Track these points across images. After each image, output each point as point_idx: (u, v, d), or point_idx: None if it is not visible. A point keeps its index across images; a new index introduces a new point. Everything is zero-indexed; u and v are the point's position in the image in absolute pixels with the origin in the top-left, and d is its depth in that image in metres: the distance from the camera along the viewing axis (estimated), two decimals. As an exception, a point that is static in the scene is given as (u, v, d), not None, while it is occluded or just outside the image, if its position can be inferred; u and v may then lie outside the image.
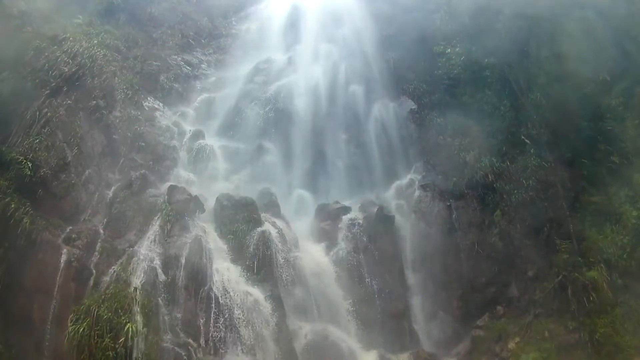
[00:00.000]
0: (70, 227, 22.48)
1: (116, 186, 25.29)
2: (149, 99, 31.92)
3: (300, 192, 29.59)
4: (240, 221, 24.54)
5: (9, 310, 19.67)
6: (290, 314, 22.79)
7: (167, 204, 23.96)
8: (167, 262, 21.93)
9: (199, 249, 22.38)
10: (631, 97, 23.93)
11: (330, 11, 39.16)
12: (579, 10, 24.40)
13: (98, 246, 22.40)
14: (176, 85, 34.55)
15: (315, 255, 25.78)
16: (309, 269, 24.65)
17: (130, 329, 18.61)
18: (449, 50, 29.36)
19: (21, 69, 24.26)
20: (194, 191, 25.66)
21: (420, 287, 26.26)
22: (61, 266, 20.74)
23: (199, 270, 21.86)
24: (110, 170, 26.21)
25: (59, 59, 25.43)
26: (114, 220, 23.82)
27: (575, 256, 22.18)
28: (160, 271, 21.54)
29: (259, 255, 23.53)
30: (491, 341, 23.06)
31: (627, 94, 23.97)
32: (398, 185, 29.99)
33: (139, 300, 19.77)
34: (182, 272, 21.67)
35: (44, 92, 24.16)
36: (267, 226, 24.77)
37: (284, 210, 27.27)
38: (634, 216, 21.77)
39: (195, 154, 29.79)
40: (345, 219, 27.17)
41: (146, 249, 22.27)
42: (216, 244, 23.60)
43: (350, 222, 27.02)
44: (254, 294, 22.16)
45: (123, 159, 27.04)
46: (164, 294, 21.02)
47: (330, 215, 27.59)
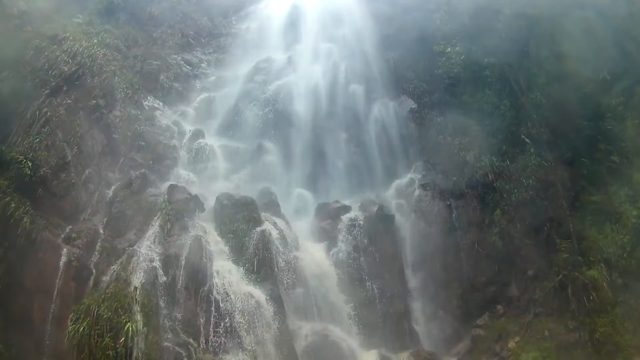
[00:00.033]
0: (70, 227, 22.48)
1: (116, 185, 25.27)
2: (149, 98, 31.91)
3: (300, 192, 29.55)
4: (240, 220, 24.50)
5: (9, 310, 19.67)
6: (290, 313, 22.79)
7: (167, 203, 23.90)
8: (167, 261, 21.88)
9: (199, 248, 22.35)
10: (631, 97, 23.95)
11: (330, 11, 39.15)
12: (579, 10, 24.43)
13: (98, 245, 22.40)
14: (176, 85, 34.54)
15: (315, 255, 25.72)
16: (309, 268, 24.62)
17: (131, 328, 18.59)
18: (449, 49, 29.36)
19: (21, 68, 24.27)
20: (194, 190, 25.61)
21: (420, 287, 26.26)
22: (61, 266, 20.76)
23: (199, 269, 21.83)
24: (110, 169, 26.20)
25: (59, 59, 25.41)
26: (114, 219, 23.80)
27: (575, 255, 22.20)
28: (160, 271, 21.49)
29: (259, 254, 23.48)
30: (491, 340, 23.09)
31: (627, 94, 23.99)
32: (398, 185, 29.95)
33: (139, 300, 19.75)
34: (182, 272, 21.62)
35: (43, 91, 24.13)
36: (267, 225, 24.71)
37: (284, 209, 27.24)
38: (634, 215, 21.79)
39: (195, 153, 29.75)
40: (346, 219, 27.09)
41: (146, 248, 22.21)
42: (216, 243, 23.58)
43: (350, 221, 26.95)
44: (254, 294, 22.11)
45: (123, 158, 27.02)
46: (164, 294, 20.97)
47: (330, 214, 27.53)
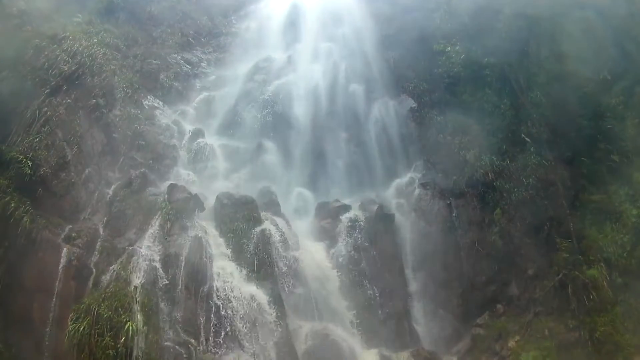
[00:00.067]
0: (70, 226, 22.48)
1: (116, 185, 25.28)
2: (148, 97, 31.90)
3: (300, 191, 29.53)
4: (240, 220, 24.49)
5: (9, 310, 19.65)
6: (290, 312, 22.79)
7: (167, 202, 23.88)
8: (167, 260, 21.87)
9: (199, 247, 22.36)
10: (631, 96, 23.97)
11: (330, 11, 39.13)
12: (579, 10, 24.46)
13: (98, 245, 22.43)
14: (176, 84, 34.54)
15: (315, 254, 25.73)
16: (309, 267, 24.63)
17: (131, 327, 18.61)
18: (449, 48, 29.42)
19: (21, 68, 24.23)
20: (194, 190, 25.59)
21: (421, 286, 26.27)
22: (61, 265, 20.77)
23: (199, 269, 21.84)
24: (110, 168, 26.20)
25: (59, 58, 25.39)
26: (114, 219, 23.79)
27: (575, 255, 22.22)
28: (160, 270, 21.48)
29: (259, 254, 23.51)
30: (491, 340, 23.11)
31: (627, 93, 24.01)
32: (398, 184, 29.93)
33: (139, 299, 19.77)
34: (182, 271, 21.62)
35: (43, 91, 24.11)
36: (267, 225, 24.71)
37: (284, 208, 27.22)
38: (634, 215, 21.81)
39: (195, 152, 29.75)
40: (345, 218, 27.07)
41: (146, 247, 22.21)
42: (216, 242, 23.59)
43: (350, 220, 26.92)
44: (254, 293, 22.14)
45: (123, 157, 27.03)
46: (164, 293, 20.96)
47: (330, 213, 27.52)
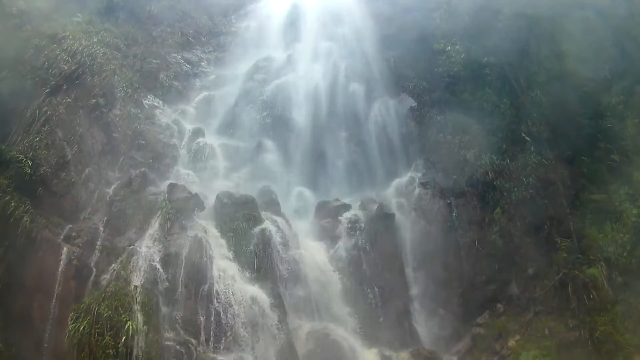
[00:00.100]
0: (70, 226, 22.48)
1: (116, 184, 25.28)
2: (148, 97, 31.93)
3: (300, 190, 29.54)
4: (240, 219, 24.50)
5: (9, 309, 19.60)
6: (290, 312, 22.80)
7: (167, 202, 23.90)
8: (167, 260, 21.90)
9: (199, 247, 22.37)
10: (631, 96, 23.94)
11: (330, 11, 39.17)
12: (579, 10, 24.44)
13: (98, 244, 22.40)
14: (176, 83, 34.57)
15: (315, 254, 25.70)
16: (309, 267, 24.61)
17: (131, 327, 18.58)
18: (449, 48, 29.44)
19: (21, 67, 24.21)
20: (194, 189, 25.63)
21: (421, 285, 26.24)
22: (61, 264, 20.74)
23: (199, 268, 21.85)
24: (110, 168, 26.22)
25: (59, 58, 25.38)
26: (114, 218, 23.79)
27: (575, 254, 22.20)
28: (160, 269, 21.51)
29: (259, 253, 23.53)
30: (491, 339, 23.10)
31: (627, 93, 23.99)
32: (398, 183, 29.90)
33: (139, 299, 19.74)
34: (182, 270, 21.65)
35: (43, 90, 24.09)
36: (267, 224, 24.73)
37: (284, 208, 27.21)
38: (634, 214, 21.78)
39: (195, 152, 29.79)
40: (346, 217, 27.08)
41: (146, 247, 22.22)
42: (216, 242, 23.57)
43: (350, 220, 26.94)
44: (254, 292, 22.15)
45: (123, 157, 27.06)
46: (164, 293, 20.99)
47: (331, 213, 27.53)
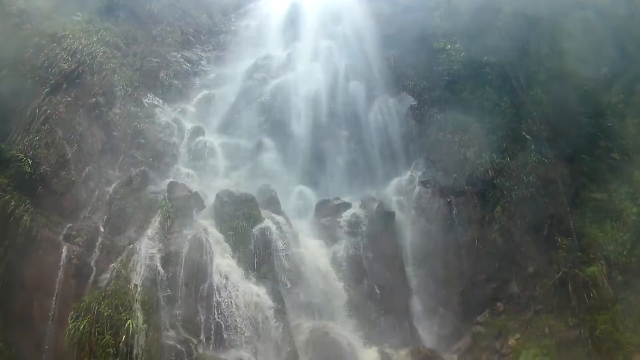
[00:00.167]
0: (70, 224, 22.46)
1: (116, 183, 25.27)
2: (148, 95, 31.93)
3: (300, 189, 29.52)
4: (240, 218, 24.52)
5: (9, 308, 19.58)
6: (290, 310, 22.80)
7: (167, 200, 23.93)
8: (168, 258, 21.88)
9: (199, 245, 22.37)
10: (631, 95, 23.89)
11: (330, 9, 39.17)
12: (579, 10, 24.37)
13: (98, 243, 22.39)
14: (176, 82, 34.57)
15: (315, 252, 25.73)
16: (309, 265, 24.64)
17: (131, 325, 18.60)
18: (449, 46, 29.41)
19: (21, 66, 24.17)
20: (194, 188, 25.66)
21: (421, 284, 26.23)
22: (61, 263, 20.72)
23: (199, 266, 21.85)
24: (110, 167, 26.22)
25: (59, 57, 25.36)
26: (114, 217, 23.78)
27: (575, 253, 22.16)
28: (160, 268, 21.50)
29: (259, 251, 23.56)
30: (491, 337, 23.10)
31: (627, 91, 23.94)
32: (398, 182, 29.91)
33: (139, 297, 19.76)
34: (182, 269, 21.64)
35: (43, 89, 24.09)
36: (268, 222, 24.74)
37: (284, 206, 27.21)
38: (634, 213, 21.72)
39: (195, 150, 29.82)
40: (346, 215, 27.14)
41: (146, 245, 22.21)
42: (216, 240, 23.58)
43: (350, 218, 26.99)
44: (255, 291, 22.17)
45: (123, 155, 27.05)
46: (164, 291, 20.98)
47: (331, 211, 27.57)
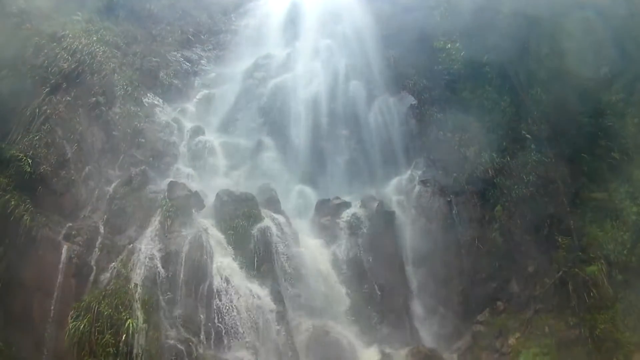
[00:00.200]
0: (70, 224, 22.48)
1: (116, 182, 25.26)
2: (148, 95, 31.93)
3: (300, 188, 29.54)
4: (240, 217, 24.54)
5: (9, 308, 19.60)
6: (290, 309, 22.84)
7: (167, 200, 23.93)
8: (168, 258, 21.91)
9: (199, 244, 22.38)
10: (631, 94, 23.83)
11: (330, 9, 39.11)
12: (579, 10, 24.33)
13: (98, 243, 22.41)
14: (176, 82, 34.57)
15: (315, 251, 25.77)
16: (309, 264, 24.66)
17: (131, 325, 18.68)
18: (449, 45, 29.37)
19: (21, 66, 24.15)
20: (194, 187, 25.66)
21: (421, 283, 26.23)
22: (61, 263, 20.76)
23: (199, 266, 21.87)
24: (110, 166, 26.22)
25: (59, 56, 25.35)
26: (114, 216, 23.77)
27: (575, 252, 22.15)
28: (160, 267, 21.54)
29: (259, 250, 23.57)
30: (492, 337, 23.11)
31: (628, 91, 23.89)
32: (398, 181, 29.88)
33: (139, 297, 19.86)
34: (182, 268, 21.67)
35: (43, 89, 24.09)
36: (268, 222, 24.74)
37: (284, 206, 27.22)
38: (634, 212, 21.69)
39: (195, 150, 29.82)
40: (346, 215, 27.16)
41: (146, 245, 22.25)
42: (216, 239, 23.59)
43: (350, 217, 27.02)
44: (255, 290, 22.21)
45: (123, 155, 27.03)
46: (164, 290, 21.02)
47: (331, 210, 27.58)
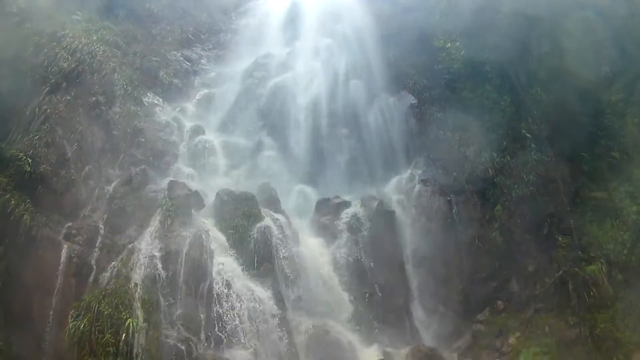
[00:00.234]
0: (70, 224, 22.45)
1: (116, 182, 25.20)
2: (148, 94, 31.84)
3: (300, 187, 29.48)
4: (240, 216, 24.53)
5: (9, 308, 19.60)
6: (290, 309, 22.84)
7: (167, 199, 23.89)
8: (168, 257, 21.86)
9: (199, 244, 22.35)
10: (631, 94, 23.86)
11: (330, 9, 38.96)
12: (579, 10, 24.32)
13: (98, 242, 22.37)
14: (176, 81, 34.50)
15: (315, 250, 25.73)
16: (309, 263, 24.65)
17: (131, 324, 18.65)
18: (449, 45, 29.33)
19: (21, 65, 24.08)
20: (194, 186, 25.62)
21: (421, 282, 26.24)
22: (61, 262, 20.75)
23: (200, 265, 21.85)
24: (110, 166, 26.17)
25: (59, 56, 25.29)
26: (114, 216, 23.71)
27: (575, 251, 22.20)
28: (160, 266, 21.49)
29: (259, 250, 23.54)
30: (492, 336, 23.15)
31: (628, 91, 23.92)
32: (398, 180, 29.84)
33: (139, 296, 19.82)
34: (182, 268, 21.62)
35: (43, 88, 24.05)
36: (268, 221, 24.69)
37: (284, 205, 27.17)
38: (634, 212, 21.73)
39: (195, 149, 29.73)
40: (346, 214, 27.07)
41: (146, 244, 22.21)
42: (216, 239, 23.56)
43: (350, 216, 26.93)
44: (255, 289, 22.19)
45: (123, 154, 26.96)
46: (164, 290, 20.98)
47: (331, 210, 27.53)
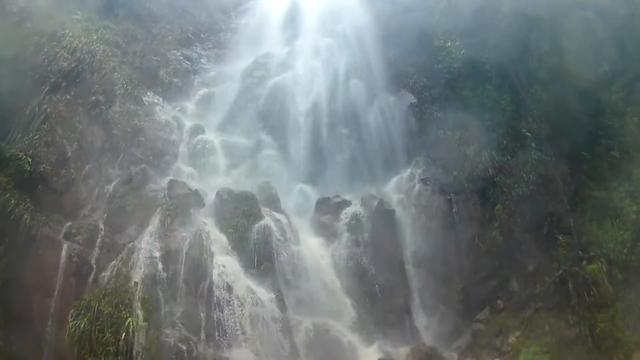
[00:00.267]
0: (70, 223, 22.47)
1: (116, 181, 25.23)
2: (148, 93, 31.87)
3: (300, 186, 29.51)
4: (240, 215, 24.56)
5: (9, 307, 19.61)
6: (290, 308, 22.82)
7: (167, 198, 23.94)
8: (168, 256, 21.91)
9: (199, 243, 22.40)
10: (631, 93, 23.87)
11: (330, 8, 38.99)
12: (579, 10, 24.31)
13: (98, 241, 22.38)
14: (176, 80, 34.53)
15: (315, 249, 25.76)
16: (309, 263, 24.66)
17: (131, 323, 18.70)
18: (449, 44, 29.33)
19: (21, 65, 24.07)
20: (194, 185, 25.65)
21: (421, 281, 26.22)
22: (61, 262, 20.76)
23: (200, 264, 21.89)
24: (110, 165, 26.18)
25: (59, 55, 25.29)
26: (114, 215, 23.72)
27: (575, 251, 22.19)
28: (160, 266, 21.55)
29: (259, 249, 23.58)
30: (492, 335, 23.13)
31: (628, 90, 23.92)
32: (398, 179, 29.83)
33: (139, 295, 19.88)
34: (182, 267, 21.68)
35: (43, 88, 24.05)
36: (268, 220, 24.74)
37: (284, 204, 27.22)
38: (634, 211, 21.71)
39: (195, 148, 29.77)
40: (346, 213, 27.09)
41: (146, 243, 22.23)
42: (216, 238, 23.58)
43: (350, 216, 26.95)
44: (255, 288, 22.22)
45: (123, 154, 26.97)
46: (164, 289, 21.02)
47: (331, 209, 27.54)
